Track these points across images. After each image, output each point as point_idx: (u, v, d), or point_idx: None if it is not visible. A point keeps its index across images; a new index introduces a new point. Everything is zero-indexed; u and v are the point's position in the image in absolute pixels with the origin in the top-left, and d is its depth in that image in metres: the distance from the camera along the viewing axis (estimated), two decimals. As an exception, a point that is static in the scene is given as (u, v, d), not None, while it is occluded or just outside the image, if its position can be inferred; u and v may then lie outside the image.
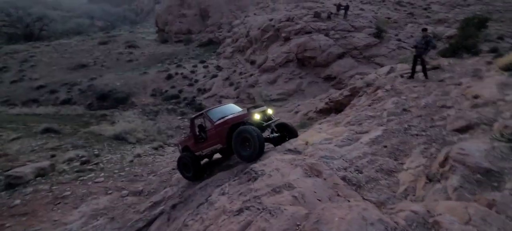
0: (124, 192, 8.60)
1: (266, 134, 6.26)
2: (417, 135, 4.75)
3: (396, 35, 22.67)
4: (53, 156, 11.83)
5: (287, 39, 23.58)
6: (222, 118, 6.69)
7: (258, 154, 5.66)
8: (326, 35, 22.31)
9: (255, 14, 37.51)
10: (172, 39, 43.35)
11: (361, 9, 28.09)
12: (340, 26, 23.38)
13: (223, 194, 4.65)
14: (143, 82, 30.63)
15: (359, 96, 10.27)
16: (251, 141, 5.58)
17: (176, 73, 30.74)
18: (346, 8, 24.74)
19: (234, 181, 5.51)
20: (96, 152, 13.06)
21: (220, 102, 25.14)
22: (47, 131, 15.52)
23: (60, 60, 39.68)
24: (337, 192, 3.02)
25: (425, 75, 9.08)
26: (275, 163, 5.03)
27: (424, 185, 2.85)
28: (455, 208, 1.92)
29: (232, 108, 7.50)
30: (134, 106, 26.74)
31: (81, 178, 9.64)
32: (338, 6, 25.72)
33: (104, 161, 11.86)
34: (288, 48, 22.51)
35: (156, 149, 15.83)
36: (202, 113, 7.31)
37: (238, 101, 23.17)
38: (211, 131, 6.71)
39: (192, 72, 30.60)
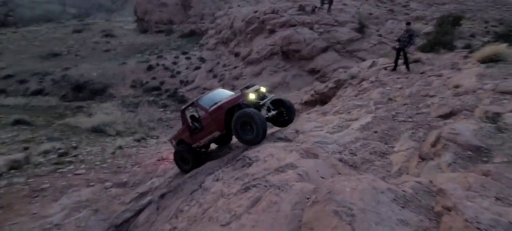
0: (108, 183, 8.28)
1: (263, 113, 6.15)
2: (404, 121, 4.96)
3: (378, 30, 23.38)
4: (26, 148, 11.11)
5: (272, 31, 23.56)
6: (215, 104, 6.46)
7: (262, 135, 5.53)
8: (311, 28, 22.54)
9: (239, 5, 37.07)
10: (152, 29, 41.86)
11: (344, 4, 28.61)
12: (324, 20, 23.70)
13: (217, 180, 4.61)
14: (122, 73, 29.42)
15: (345, 88, 10.53)
16: (252, 123, 5.43)
17: (157, 64, 29.81)
18: (330, 2, 25.08)
19: (227, 167, 5.47)
20: (74, 144, 12.44)
21: (203, 94, 24.79)
22: (17, 122, 14.56)
23: (29, 48, 37.10)
24: (338, 171, 3.11)
25: (407, 67, 9.46)
26: (268, 150, 5.06)
27: (417, 163, 3.00)
28: (455, 178, 2.04)
29: (222, 93, 7.28)
30: (113, 98, 25.68)
31: (60, 170, 9.15)
32: (322, 0, 26.01)
33: (84, 153, 11.32)
34: (273, 40, 22.53)
35: (138, 141, 15.36)
36: (192, 103, 7.05)
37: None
38: (206, 119, 6.46)
39: (174, 63, 29.82)
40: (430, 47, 14.17)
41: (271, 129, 8.29)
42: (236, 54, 25.90)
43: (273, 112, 6.28)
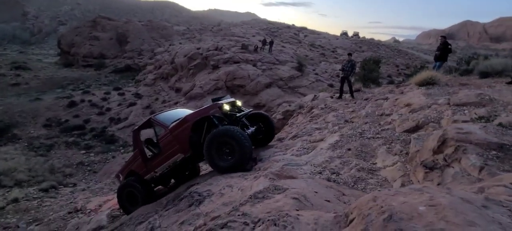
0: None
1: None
2: (373, 137, 4.53)
3: (314, 70, 25.33)
4: None
5: (215, 67, 23.20)
6: (177, 119, 4.99)
7: (247, 160, 4.23)
8: (254, 65, 23.01)
9: (180, 43, 36.43)
10: (79, 62, 37.28)
11: (283, 46, 30.74)
12: (266, 58, 24.65)
13: (152, 229, 3.19)
14: (34, 110, 24.49)
15: (295, 117, 10.24)
16: (233, 144, 4.10)
17: (82, 101, 25.89)
18: (271, 43, 26.54)
19: (166, 211, 4.04)
20: None
21: (139, 133, 22.04)
22: None
23: None
24: (342, 192, 2.20)
25: (352, 95, 9.77)
26: (223, 181, 3.92)
27: (424, 174, 2.35)
28: None
29: (184, 112, 5.75)
30: (17, 140, 20.63)
31: None
32: (264, 41, 27.39)
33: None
34: (217, 75, 22.06)
35: (45, 191, 12.03)
36: (148, 120, 5.47)
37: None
38: (165, 138, 4.92)
39: (104, 99, 26.37)
40: (362, 82, 15.51)
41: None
42: (177, 90, 24.41)
43: (252, 129, 5.12)
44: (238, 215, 1.76)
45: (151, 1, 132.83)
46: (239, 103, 5.34)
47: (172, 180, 6.48)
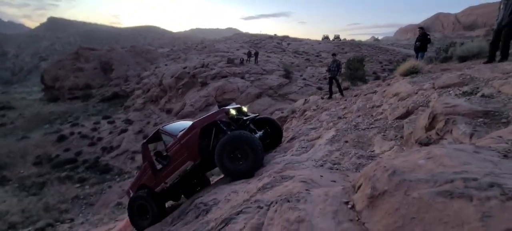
0: None
1: None
2: (367, 128, 4.68)
3: (301, 75, 25.75)
4: None
5: (204, 84, 23.31)
6: (184, 129, 5.01)
7: (259, 163, 4.21)
8: (242, 78, 23.24)
9: (166, 64, 36.48)
10: (64, 96, 36.72)
11: (268, 56, 31.23)
12: (253, 70, 24.97)
13: (162, 244, 3.18)
14: (22, 149, 23.85)
15: (289, 122, 10.37)
16: (246, 149, 4.10)
17: (72, 133, 25.43)
18: (256, 54, 26.96)
19: (173, 226, 4.03)
20: None
21: (132, 159, 21.67)
22: None
23: None
24: (346, 175, 2.28)
25: (342, 93, 10.01)
26: (227, 189, 3.95)
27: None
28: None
29: (188, 123, 5.92)
30: (7, 182, 19.95)
31: None
32: (249, 54, 27.81)
33: None
34: (207, 92, 22.14)
35: (42, 229, 11.61)
36: (156, 132, 5.45)
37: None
38: (174, 147, 4.89)
39: (94, 129, 25.98)
40: (350, 81, 15.91)
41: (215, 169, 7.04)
42: (168, 111, 24.30)
43: (259, 133, 5.13)
44: (251, 202, 1.81)
45: (132, 27, 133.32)
46: (245, 108, 5.35)
47: (182, 196, 6.41)
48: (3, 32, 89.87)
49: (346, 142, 4.14)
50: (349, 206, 1.23)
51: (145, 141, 5.61)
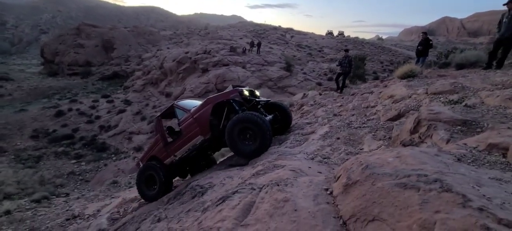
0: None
1: None
2: (359, 127, 4.88)
3: (302, 69, 25.83)
4: None
5: (205, 70, 23.34)
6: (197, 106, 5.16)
7: (267, 145, 4.34)
8: (243, 67, 23.28)
9: (168, 48, 36.27)
10: (64, 71, 36.53)
11: (271, 48, 31.17)
12: (255, 60, 24.98)
13: (159, 220, 3.42)
14: (19, 121, 23.91)
15: (286, 114, 10.54)
16: (255, 130, 4.20)
17: (70, 110, 25.47)
18: (259, 45, 26.91)
19: (170, 205, 4.26)
20: None
21: (129, 139, 21.87)
22: None
23: None
24: (332, 168, 2.50)
25: (341, 90, 10.17)
26: (222, 174, 4.18)
27: (404, 153, 2.69)
28: (487, 137, 1.70)
29: (199, 102, 5.93)
30: (3, 153, 20.11)
31: None
32: (251, 43, 27.73)
33: None
34: (207, 79, 22.20)
35: (37, 201, 11.84)
36: (171, 106, 5.61)
37: (153, 136, 20.72)
38: (186, 121, 5.01)
39: (92, 107, 26.03)
40: (349, 79, 16.07)
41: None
42: (167, 94, 24.37)
43: (269, 116, 5.25)
44: (245, 185, 2.02)
45: (135, 6, 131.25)
46: (257, 93, 5.48)
47: (189, 176, 6.62)
48: (3, 1, 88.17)
49: (338, 138, 4.35)
50: (328, 192, 1.43)
51: (159, 114, 5.81)
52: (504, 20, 6.61)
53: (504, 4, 6.38)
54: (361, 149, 3.80)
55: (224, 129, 4.56)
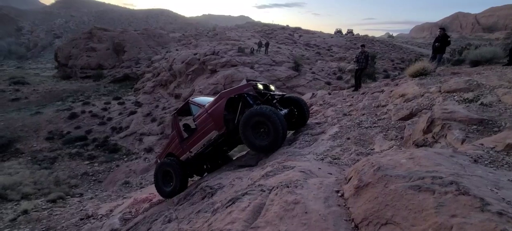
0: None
1: None
2: (370, 127, 4.80)
3: (310, 69, 25.64)
4: None
5: (213, 71, 23.49)
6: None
7: (282, 139, 4.30)
8: (251, 68, 23.31)
9: (177, 50, 36.70)
10: (77, 75, 37.49)
11: (279, 48, 31.08)
12: (263, 60, 24.97)
13: (169, 221, 3.45)
14: (35, 124, 24.67)
15: (295, 114, 10.49)
16: (268, 124, 4.13)
17: (83, 112, 26.09)
18: (267, 45, 26.88)
19: (180, 206, 4.31)
20: (-50, 217, 8.99)
21: (140, 141, 22.23)
22: None
23: None
24: (342, 169, 2.47)
25: (357, 88, 10.02)
26: (232, 175, 4.19)
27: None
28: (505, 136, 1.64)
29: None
30: (20, 155, 20.80)
31: None
32: (259, 44, 27.74)
33: (-37, 226, 8.17)
34: (216, 79, 22.33)
35: (53, 201, 12.18)
36: (186, 103, 5.71)
37: (163, 137, 21.01)
38: (201, 116, 5.02)
39: (104, 109, 26.59)
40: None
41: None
42: (177, 96, 24.65)
43: (284, 111, 5.14)
44: (255, 186, 2.02)
45: (145, 9, 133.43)
46: (272, 87, 5.39)
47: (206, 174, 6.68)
48: (18, 8, 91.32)
49: (348, 138, 4.29)
50: (339, 194, 1.41)
51: (175, 111, 5.93)
52: None
53: None
54: (372, 149, 3.74)
55: (239, 124, 4.49)
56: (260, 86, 4.87)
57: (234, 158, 6.82)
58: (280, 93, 5.50)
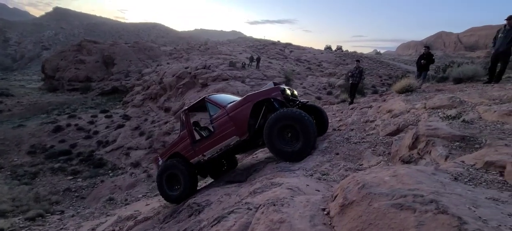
0: None
1: None
2: (359, 142, 4.86)
3: (301, 83, 26.02)
4: None
5: (204, 85, 23.50)
6: (233, 101, 4.78)
7: (311, 145, 3.98)
8: (243, 82, 23.47)
9: (168, 63, 36.68)
10: (64, 87, 36.74)
11: (270, 62, 31.55)
12: (254, 75, 25.22)
13: (153, 240, 3.33)
14: (17, 137, 23.81)
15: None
16: (297, 128, 3.83)
17: (68, 125, 25.41)
18: (258, 59, 27.25)
19: (166, 223, 4.17)
20: None
21: (127, 155, 21.68)
22: None
23: None
24: (330, 185, 2.45)
25: (352, 101, 10.23)
26: (220, 191, 4.11)
27: (402, 169, 2.66)
28: (485, 153, 1.68)
29: (234, 97, 5.49)
30: (0, 169, 19.88)
31: None
32: (251, 58, 28.10)
33: None
34: (206, 93, 22.29)
35: (32, 219, 11.60)
36: (202, 100, 5.10)
37: (152, 151, 20.57)
38: (220, 118, 4.56)
39: (91, 122, 25.98)
40: (347, 93, 16.18)
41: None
42: (166, 109, 24.42)
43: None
44: (242, 204, 1.98)
45: (137, 23, 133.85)
46: (296, 92, 5.15)
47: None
48: (7, 19, 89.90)
49: (337, 153, 4.32)
50: (325, 212, 1.40)
51: (187, 107, 5.37)
52: (499, 35, 6.76)
53: (505, 19, 6.53)
54: (360, 165, 3.76)
55: (259, 129, 4.23)
56: (288, 92, 4.61)
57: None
58: (304, 100, 5.28)
